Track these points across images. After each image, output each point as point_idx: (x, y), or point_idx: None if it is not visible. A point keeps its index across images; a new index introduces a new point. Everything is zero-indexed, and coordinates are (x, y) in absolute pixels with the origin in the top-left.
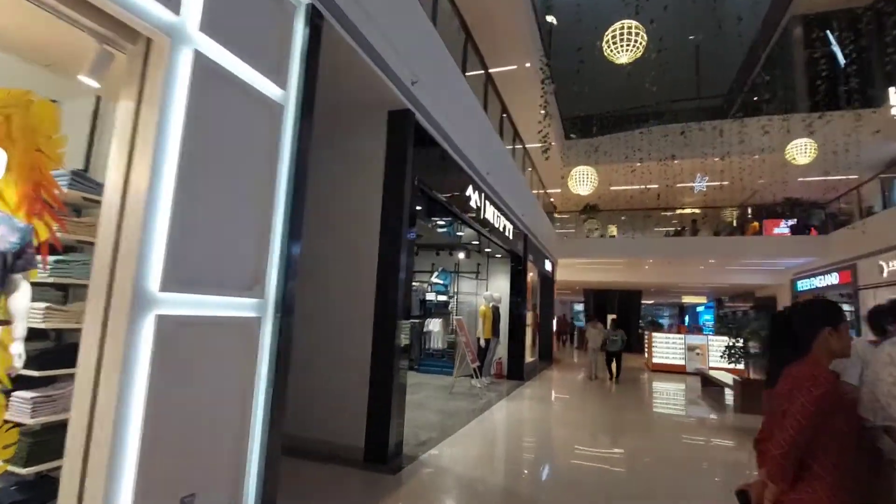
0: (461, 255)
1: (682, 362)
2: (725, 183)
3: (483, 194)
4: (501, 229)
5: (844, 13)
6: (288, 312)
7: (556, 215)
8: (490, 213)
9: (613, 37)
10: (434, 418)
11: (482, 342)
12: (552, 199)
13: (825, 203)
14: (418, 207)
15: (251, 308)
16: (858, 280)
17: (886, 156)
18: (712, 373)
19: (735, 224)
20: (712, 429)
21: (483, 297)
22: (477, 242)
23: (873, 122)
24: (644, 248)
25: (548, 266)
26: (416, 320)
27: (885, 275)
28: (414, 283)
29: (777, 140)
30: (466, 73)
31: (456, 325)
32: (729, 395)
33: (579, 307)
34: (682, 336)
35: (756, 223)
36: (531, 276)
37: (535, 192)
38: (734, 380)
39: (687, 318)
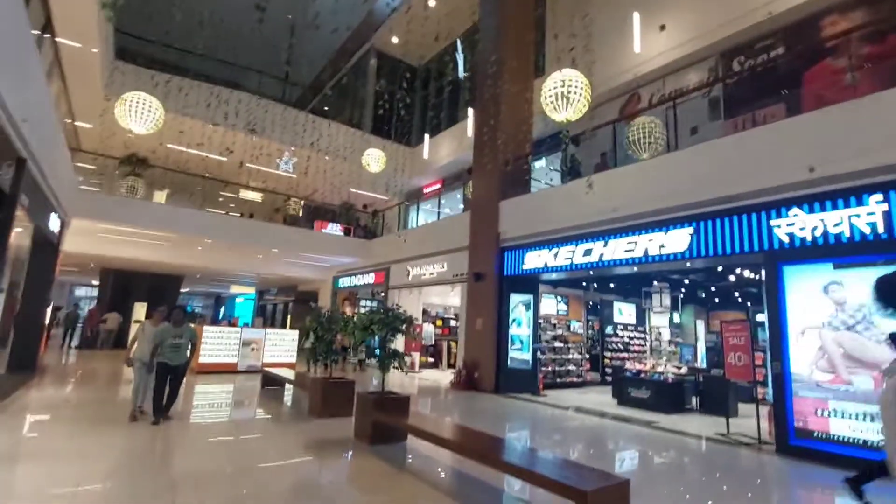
0: None
1: (234, 360)
2: (293, 175)
3: None
4: None
5: (406, 65)
6: None
7: (81, 164)
8: None
9: None
10: None
11: None
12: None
13: (370, 213)
14: None
15: None
16: (390, 281)
17: (411, 187)
18: (273, 370)
19: (285, 219)
20: (325, 448)
21: None
22: None
23: (411, 158)
24: (207, 225)
25: (54, 224)
26: None
27: (409, 278)
28: None
29: (349, 148)
30: None
31: None
32: (288, 394)
33: (84, 291)
34: (238, 330)
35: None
36: (19, 232)
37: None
38: (297, 377)
39: (223, 310)
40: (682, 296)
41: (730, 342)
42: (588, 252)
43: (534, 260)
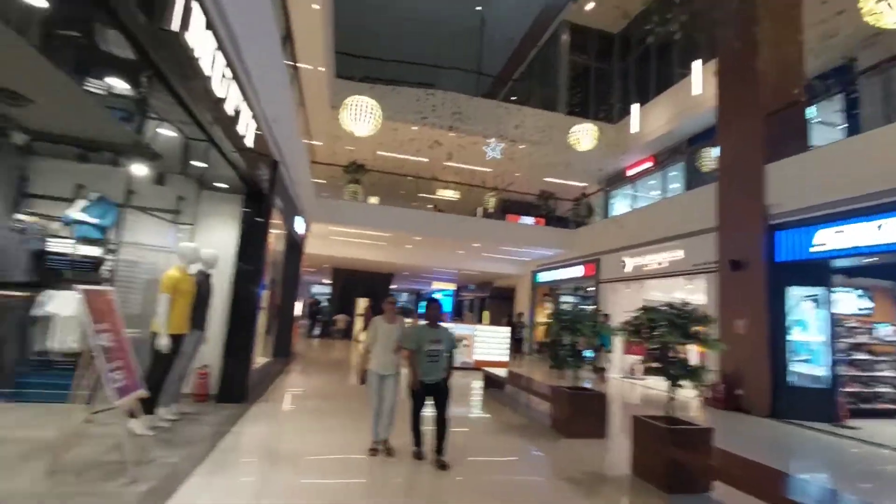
0: (140, 170)
1: None
2: (489, 170)
3: (216, 38)
4: (242, 131)
5: (602, 33)
6: None
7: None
8: (228, 89)
9: None
10: None
11: (163, 342)
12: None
13: (579, 199)
14: None
15: None
16: (601, 273)
17: (613, 169)
18: (489, 369)
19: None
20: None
21: (179, 255)
22: (182, 150)
23: (614, 136)
24: (417, 222)
25: (299, 226)
26: (18, 293)
27: (627, 269)
28: (22, 216)
29: (552, 128)
30: None
31: (82, 303)
32: (511, 398)
33: (317, 288)
34: (451, 326)
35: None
36: (277, 234)
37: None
38: (532, 384)
39: (423, 306)
40: None
41: None
42: None
43: (833, 239)
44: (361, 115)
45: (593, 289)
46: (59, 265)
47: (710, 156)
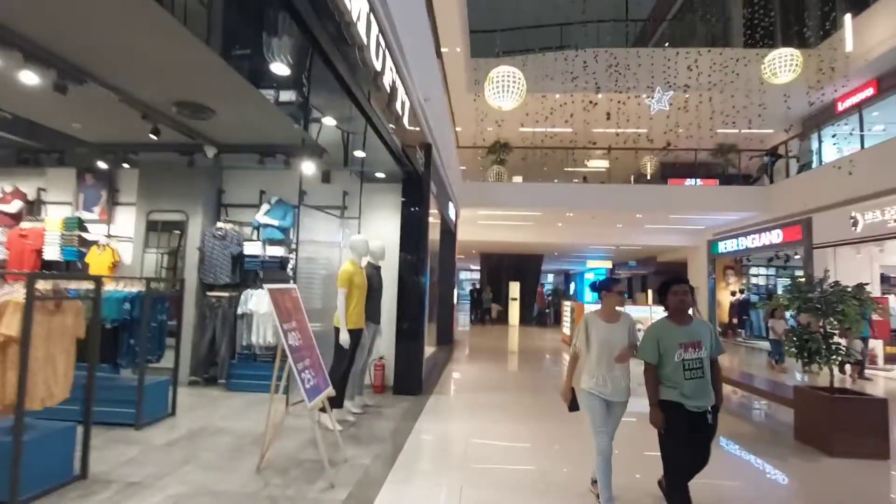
0: (310, 169)
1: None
2: (643, 131)
3: (376, 20)
4: (400, 110)
5: None
6: None
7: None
8: (383, 62)
9: None
10: None
11: (342, 336)
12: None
13: (770, 151)
14: None
15: None
16: (814, 237)
17: (816, 105)
18: None
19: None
20: None
21: (350, 247)
22: (342, 145)
23: (812, 62)
24: (568, 196)
25: (451, 212)
26: (224, 293)
27: (857, 229)
28: (221, 224)
29: (727, 69)
30: None
31: (269, 303)
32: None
33: (466, 275)
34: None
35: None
36: (433, 221)
37: None
38: (796, 390)
39: (573, 287)
40: None
41: None
42: None
43: None
44: (505, 87)
45: (799, 256)
46: (252, 266)
47: None
